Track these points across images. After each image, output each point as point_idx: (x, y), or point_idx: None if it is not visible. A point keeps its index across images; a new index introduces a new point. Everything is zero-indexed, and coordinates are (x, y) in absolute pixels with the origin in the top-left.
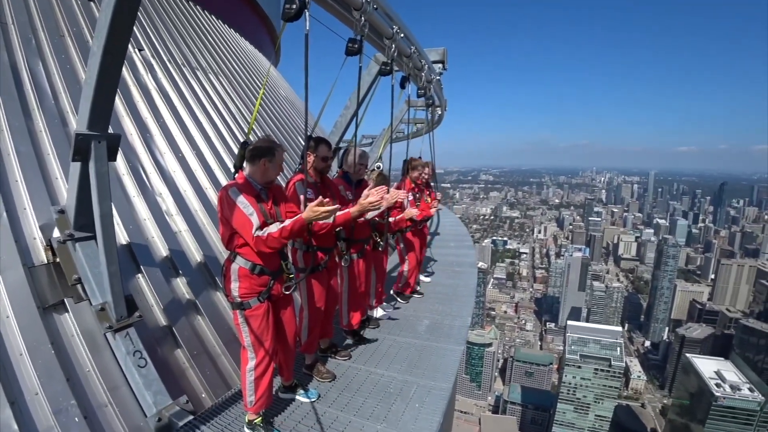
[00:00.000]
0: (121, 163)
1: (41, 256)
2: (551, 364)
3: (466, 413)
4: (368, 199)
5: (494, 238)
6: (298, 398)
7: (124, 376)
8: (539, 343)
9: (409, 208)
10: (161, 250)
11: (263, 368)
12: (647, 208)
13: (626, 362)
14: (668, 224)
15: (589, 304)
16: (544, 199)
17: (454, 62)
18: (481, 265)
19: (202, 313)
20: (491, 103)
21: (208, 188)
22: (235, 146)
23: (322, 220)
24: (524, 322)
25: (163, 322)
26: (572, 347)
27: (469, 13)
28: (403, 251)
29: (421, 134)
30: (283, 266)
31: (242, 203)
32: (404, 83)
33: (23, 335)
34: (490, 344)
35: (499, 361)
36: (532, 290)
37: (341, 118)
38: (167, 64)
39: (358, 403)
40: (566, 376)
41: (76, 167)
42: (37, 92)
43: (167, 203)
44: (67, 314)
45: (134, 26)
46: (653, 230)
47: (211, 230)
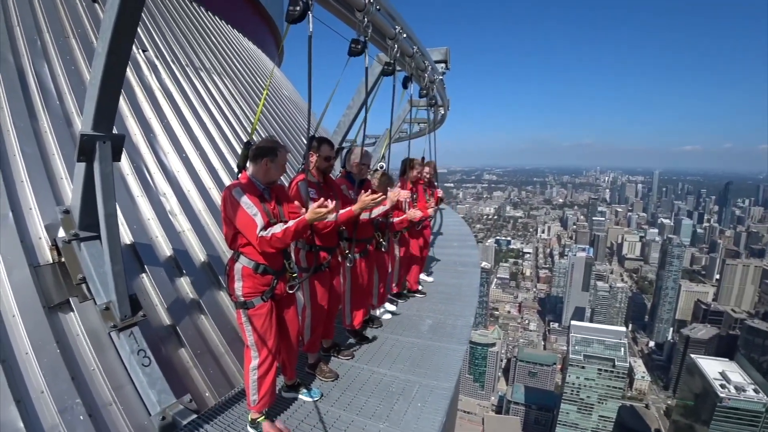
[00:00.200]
0: (125, 163)
1: (47, 255)
2: (555, 364)
3: (469, 413)
4: (370, 195)
5: (498, 237)
6: (300, 397)
7: (128, 374)
8: (543, 343)
9: (411, 209)
10: (165, 249)
11: (266, 367)
12: (651, 207)
13: (630, 363)
14: (673, 224)
15: (592, 304)
16: (547, 198)
17: (457, 61)
18: (484, 264)
19: (205, 312)
20: (494, 102)
21: (211, 188)
22: (238, 146)
23: (324, 220)
24: (528, 322)
25: (167, 321)
26: (576, 347)
27: (471, 11)
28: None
29: (423, 134)
30: (286, 266)
31: (246, 203)
32: (406, 83)
33: (29, 334)
34: (493, 344)
35: (502, 361)
36: (535, 290)
37: (344, 117)
38: (171, 64)
39: (360, 402)
40: (570, 376)
41: (80, 167)
42: (42, 93)
43: (171, 203)
44: (72, 313)
45: (138, 27)
46: (657, 230)
47: (214, 230)
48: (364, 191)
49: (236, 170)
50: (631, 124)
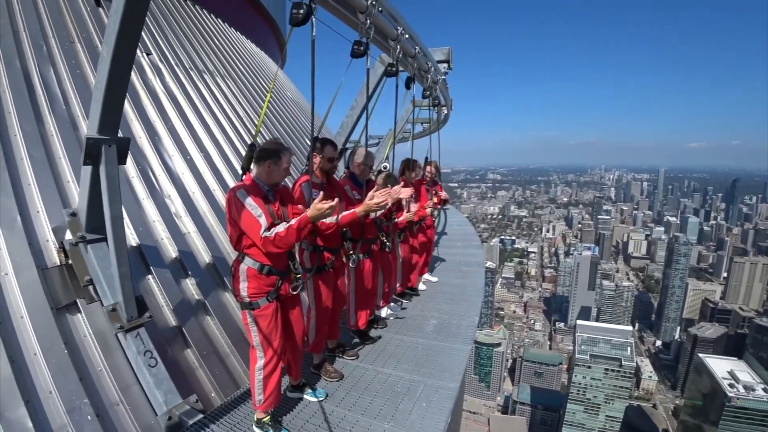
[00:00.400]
0: (130, 165)
1: (54, 257)
2: (561, 364)
3: (475, 413)
4: (374, 200)
5: (502, 237)
6: (306, 397)
7: (135, 375)
8: (548, 342)
9: (409, 210)
10: (171, 251)
11: (272, 367)
12: (657, 205)
13: (637, 362)
14: (679, 222)
15: (598, 303)
16: (552, 197)
17: (461, 60)
18: (489, 264)
19: (211, 313)
20: (498, 101)
21: (216, 190)
22: (242, 148)
23: (326, 217)
24: (533, 321)
25: (173, 322)
26: (582, 347)
27: (474, 9)
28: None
29: (426, 134)
30: (290, 266)
31: (250, 205)
32: (409, 84)
33: (37, 335)
34: (498, 344)
35: (508, 361)
36: (541, 290)
37: (347, 118)
38: (175, 67)
39: (365, 402)
40: (576, 376)
41: (87, 171)
42: (48, 97)
43: (176, 205)
44: (79, 315)
45: (142, 31)
46: (664, 228)
47: (219, 231)
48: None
49: (240, 172)
50: (636, 121)
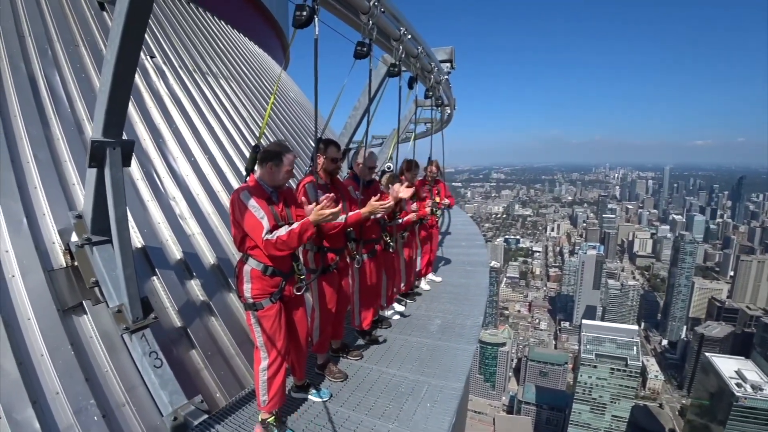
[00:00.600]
0: (135, 168)
1: (60, 259)
2: (566, 363)
3: (480, 413)
4: (380, 202)
5: (507, 236)
6: (310, 398)
7: (140, 376)
8: (554, 342)
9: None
10: (175, 252)
11: (276, 368)
12: (663, 204)
13: (643, 361)
14: (685, 220)
15: (604, 302)
16: (556, 196)
17: (464, 59)
18: (493, 264)
19: (215, 314)
20: (502, 100)
21: (220, 191)
22: (246, 150)
23: (328, 221)
24: (538, 321)
25: (178, 323)
26: (587, 346)
27: (477, 8)
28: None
29: (430, 134)
30: (294, 267)
31: (253, 207)
32: (412, 84)
33: (44, 337)
34: (503, 344)
35: (513, 360)
36: (545, 289)
37: (350, 119)
38: (178, 70)
39: (369, 402)
40: (581, 375)
41: (92, 173)
42: (53, 101)
43: (180, 207)
44: (85, 316)
45: (145, 33)
46: (669, 227)
47: (223, 233)
48: (372, 193)
49: (244, 173)
50: (641, 119)
